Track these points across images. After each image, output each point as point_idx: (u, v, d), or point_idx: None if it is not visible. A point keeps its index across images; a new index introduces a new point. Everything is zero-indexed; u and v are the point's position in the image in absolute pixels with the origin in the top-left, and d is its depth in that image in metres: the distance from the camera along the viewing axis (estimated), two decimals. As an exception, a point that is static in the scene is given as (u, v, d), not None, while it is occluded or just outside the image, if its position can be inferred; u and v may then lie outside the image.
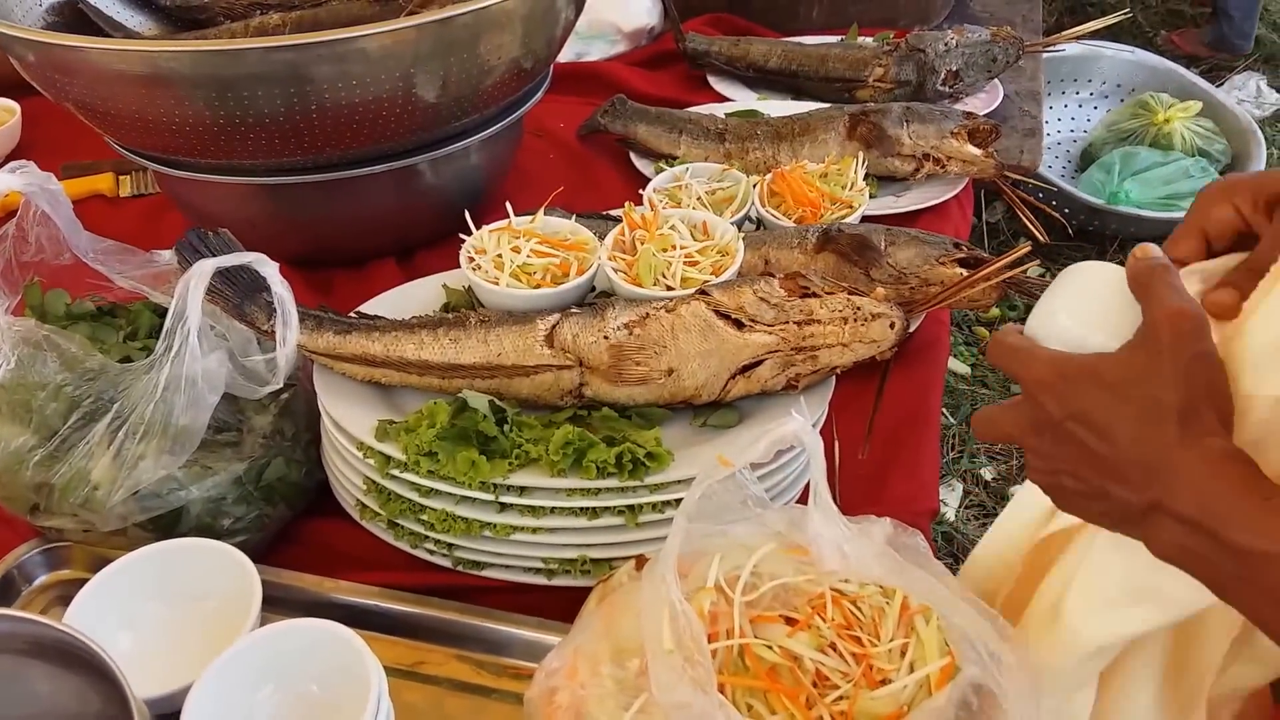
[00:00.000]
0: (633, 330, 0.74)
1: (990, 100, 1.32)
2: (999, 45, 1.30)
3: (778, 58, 1.35)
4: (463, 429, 0.71)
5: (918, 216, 1.10)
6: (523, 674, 0.68)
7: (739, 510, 0.61)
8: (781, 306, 0.73)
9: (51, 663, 0.55)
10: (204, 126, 0.89)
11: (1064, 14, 3.36)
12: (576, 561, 0.72)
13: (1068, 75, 2.65)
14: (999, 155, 1.13)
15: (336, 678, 0.61)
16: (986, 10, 1.61)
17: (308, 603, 0.71)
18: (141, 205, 1.20)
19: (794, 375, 0.75)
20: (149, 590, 0.68)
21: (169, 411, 0.69)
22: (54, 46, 0.88)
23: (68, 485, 0.69)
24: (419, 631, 0.71)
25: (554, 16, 0.98)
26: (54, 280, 0.81)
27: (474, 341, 0.76)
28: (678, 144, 1.19)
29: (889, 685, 0.56)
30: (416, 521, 0.73)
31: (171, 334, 0.69)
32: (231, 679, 0.61)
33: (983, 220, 2.43)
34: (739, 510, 0.61)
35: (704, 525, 0.60)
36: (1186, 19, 3.49)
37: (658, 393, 0.75)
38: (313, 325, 0.78)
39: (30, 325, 0.71)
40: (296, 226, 1.02)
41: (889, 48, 1.31)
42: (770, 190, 1.02)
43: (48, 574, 0.76)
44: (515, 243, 0.83)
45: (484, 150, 1.04)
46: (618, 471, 0.69)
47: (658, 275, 0.80)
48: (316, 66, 0.84)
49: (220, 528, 0.74)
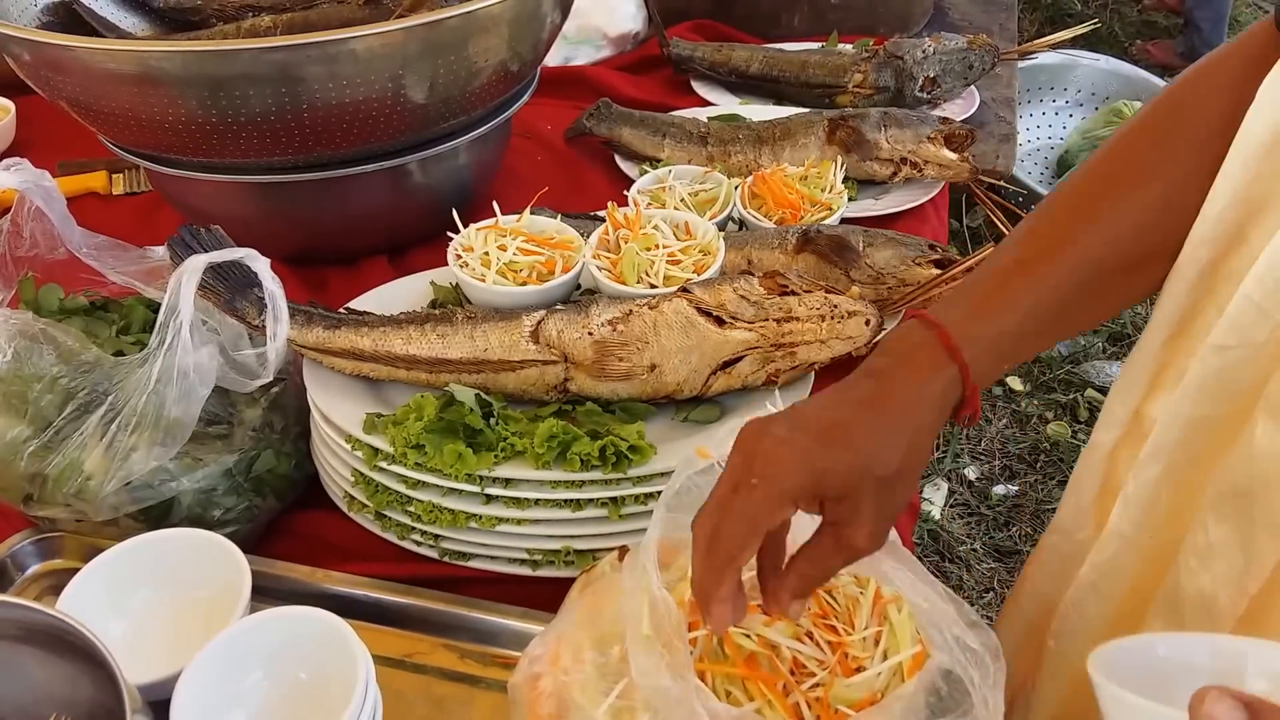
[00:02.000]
0: (616, 327, 0.76)
1: (967, 106, 1.35)
2: (975, 53, 1.32)
3: (759, 63, 1.37)
4: (450, 422, 0.72)
5: (895, 219, 1.12)
6: (508, 662, 0.69)
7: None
8: (761, 304, 0.75)
9: (44, 648, 0.56)
10: (196, 126, 0.90)
11: (1043, 24, 3.42)
12: (560, 552, 0.74)
13: (1044, 83, 2.69)
14: (974, 160, 1.15)
15: (325, 665, 0.62)
16: (964, 19, 1.64)
17: (296, 592, 0.72)
18: (134, 203, 1.20)
19: (774, 371, 0.77)
20: (140, 579, 0.69)
21: (161, 404, 0.70)
22: (48, 46, 0.89)
23: (61, 476, 0.70)
24: (406, 621, 0.72)
25: (540, 21, 1.00)
26: (48, 275, 0.81)
27: (461, 337, 0.77)
28: (661, 147, 1.21)
29: (863, 673, 0.58)
30: (404, 513, 0.75)
31: (164, 328, 0.70)
32: (221, 666, 0.62)
33: (964, 225, 2.47)
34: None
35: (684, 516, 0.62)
36: (1160, 30, 3.55)
37: (640, 388, 0.77)
38: (303, 320, 0.79)
39: (27, 318, 0.72)
40: (288, 224, 1.03)
41: (868, 54, 1.33)
42: (751, 192, 1.04)
43: (40, 563, 0.77)
44: (502, 241, 0.85)
45: (472, 151, 1.05)
46: (601, 464, 0.71)
47: (641, 273, 0.82)
48: (307, 67, 0.86)
49: (211, 518, 0.75)
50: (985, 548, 1.93)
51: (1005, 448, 2.14)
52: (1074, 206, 0.60)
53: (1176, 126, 0.60)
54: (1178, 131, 0.60)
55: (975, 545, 1.93)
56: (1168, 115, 0.61)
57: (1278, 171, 0.55)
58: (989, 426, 2.18)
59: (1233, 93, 0.58)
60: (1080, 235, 0.59)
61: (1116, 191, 0.60)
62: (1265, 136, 0.55)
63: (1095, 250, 0.59)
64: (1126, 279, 0.61)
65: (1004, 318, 0.57)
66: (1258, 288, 0.54)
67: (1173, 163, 0.60)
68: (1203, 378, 0.57)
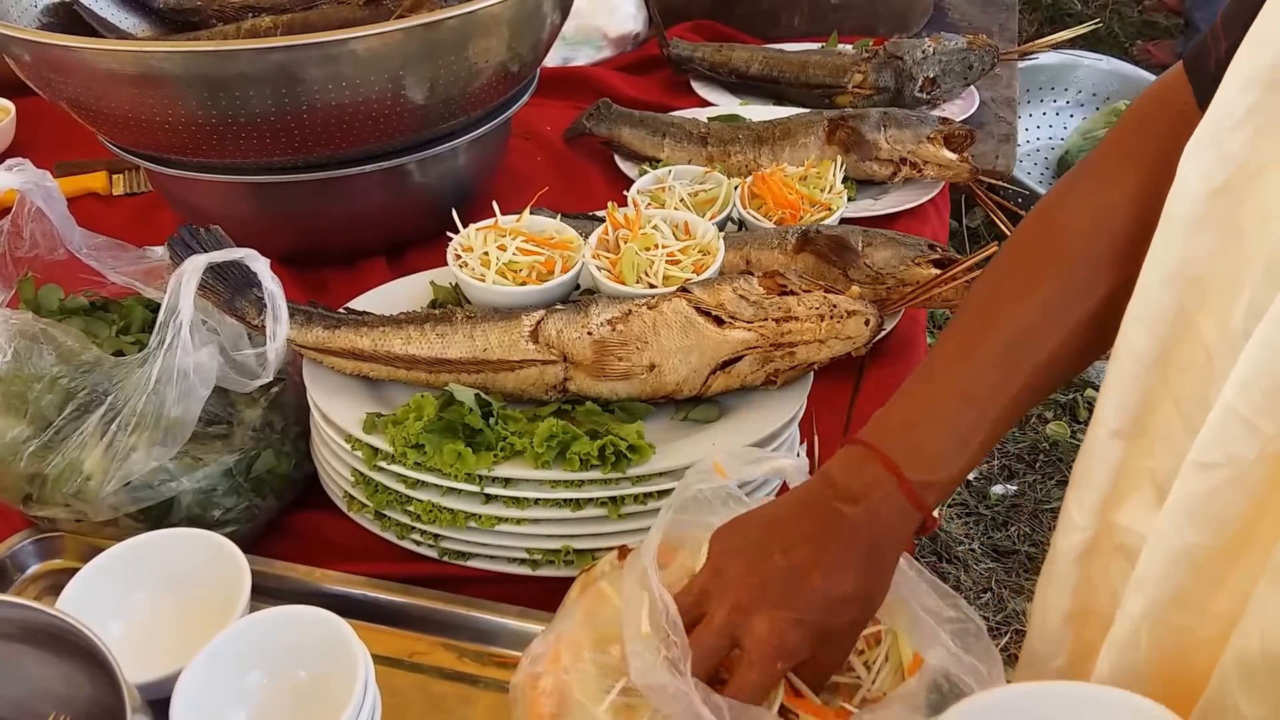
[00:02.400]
0: (615, 326, 0.76)
1: (966, 106, 1.35)
2: (975, 53, 1.32)
3: (759, 64, 1.38)
4: (449, 422, 0.72)
5: (895, 219, 1.12)
6: (507, 662, 0.69)
7: (719, 504, 0.63)
8: (760, 304, 0.75)
9: (43, 648, 0.56)
10: (196, 126, 0.90)
11: (1043, 24, 3.42)
12: (560, 552, 0.74)
13: (1045, 84, 2.69)
14: (974, 160, 1.15)
15: (324, 664, 0.62)
16: (964, 19, 1.64)
17: (296, 592, 0.73)
18: (134, 203, 1.21)
19: (773, 371, 0.77)
20: (140, 579, 0.69)
21: (161, 404, 0.70)
22: (49, 46, 0.89)
23: (60, 476, 0.70)
24: (405, 620, 0.72)
25: (540, 21, 1.00)
26: (48, 275, 0.82)
27: (460, 337, 0.78)
28: (661, 147, 1.21)
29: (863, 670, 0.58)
30: (403, 512, 0.75)
31: (164, 328, 0.70)
32: (221, 665, 0.62)
33: (964, 225, 2.47)
34: (719, 504, 0.63)
35: (685, 516, 0.62)
36: (1160, 30, 3.55)
37: (640, 387, 0.77)
38: (302, 320, 0.79)
39: (28, 318, 0.72)
40: (287, 224, 1.03)
41: (868, 55, 1.33)
42: (751, 192, 1.04)
43: (40, 563, 0.77)
44: (502, 241, 0.85)
45: (472, 151, 1.06)
46: (600, 464, 0.71)
47: (640, 273, 0.82)
48: (307, 68, 0.86)
49: (210, 518, 0.75)
50: (983, 548, 1.93)
51: (1004, 447, 2.14)
52: (979, 315, 0.61)
53: (1053, 233, 0.61)
54: (1058, 236, 0.60)
55: (973, 545, 1.93)
56: (1047, 220, 0.62)
57: (1213, 251, 0.51)
58: (988, 426, 2.17)
59: (1106, 184, 0.58)
60: (1000, 346, 0.58)
61: (1011, 296, 0.60)
62: (1195, 211, 0.51)
63: (1022, 361, 0.58)
64: (1065, 363, 0.60)
65: (959, 458, 0.57)
66: (1241, 399, 0.47)
67: (1057, 267, 0.59)
68: (1187, 500, 0.51)
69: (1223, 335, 0.51)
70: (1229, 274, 0.50)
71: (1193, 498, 0.50)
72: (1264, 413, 0.47)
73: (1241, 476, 0.48)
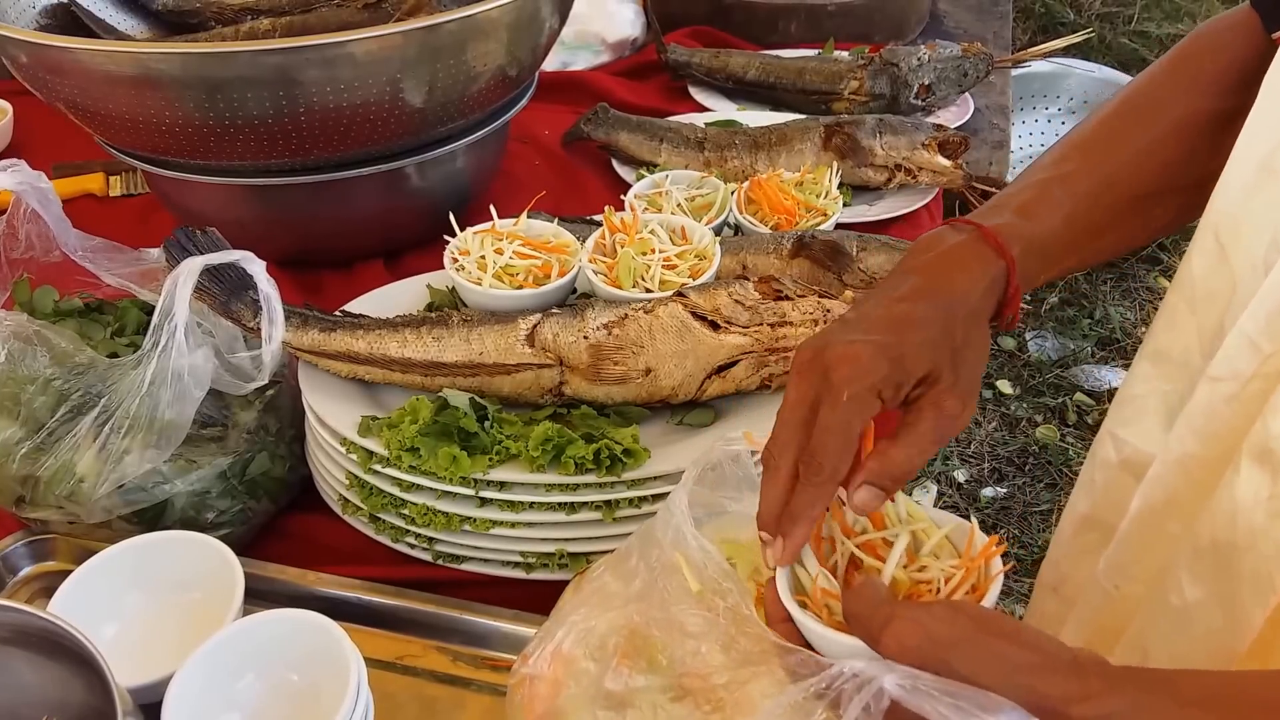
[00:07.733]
0: (611, 331, 0.76)
1: (961, 113, 1.35)
2: (970, 61, 1.33)
3: (756, 70, 1.38)
4: (444, 425, 0.72)
5: (890, 224, 1.12)
6: (500, 665, 0.69)
7: (734, 490, 0.61)
8: (756, 309, 0.76)
9: (35, 651, 0.56)
10: (193, 128, 0.90)
11: (1036, 33, 3.44)
12: (554, 556, 0.74)
13: (1038, 92, 2.71)
14: (968, 166, 1.16)
15: (317, 667, 0.62)
16: (959, 27, 1.65)
17: (290, 595, 0.72)
18: (131, 205, 1.20)
19: (768, 375, 0.77)
20: (133, 582, 0.69)
21: (155, 406, 0.70)
22: (46, 47, 0.89)
23: (54, 478, 0.70)
24: (399, 624, 0.72)
25: (539, 26, 1.00)
26: (43, 277, 0.81)
27: (456, 340, 0.78)
28: (658, 152, 1.21)
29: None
30: (398, 516, 0.75)
31: (159, 330, 0.70)
32: (213, 668, 0.62)
33: (958, 232, 2.48)
34: (734, 490, 0.61)
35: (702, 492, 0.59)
36: (1152, 39, 3.57)
37: (635, 391, 0.77)
38: (298, 323, 0.79)
39: (22, 320, 0.72)
40: (284, 227, 1.03)
41: (864, 62, 1.34)
42: (748, 197, 1.04)
43: (32, 566, 0.77)
44: (499, 244, 0.85)
45: (470, 155, 1.06)
46: (596, 468, 0.71)
47: (637, 278, 0.82)
48: (305, 70, 0.86)
49: (204, 521, 0.75)
50: (976, 552, 1.94)
51: (994, 450, 2.15)
52: (1099, 134, 0.63)
53: (1188, 69, 0.63)
54: (1188, 74, 0.63)
55: (967, 549, 1.93)
56: (1182, 58, 0.65)
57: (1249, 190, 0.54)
58: (978, 429, 2.18)
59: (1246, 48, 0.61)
60: (1106, 158, 0.61)
61: (1134, 121, 0.63)
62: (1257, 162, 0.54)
63: (1120, 173, 0.61)
64: (1147, 206, 0.63)
65: (1047, 221, 0.58)
66: (1249, 320, 0.52)
67: (1185, 98, 0.63)
68: (1191, 412, 0.55)
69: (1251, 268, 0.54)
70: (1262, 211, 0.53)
71: (1195, 409, 0.54)
72: (1266, 333, 0.51)
73: (1239, 392, 0.52)
